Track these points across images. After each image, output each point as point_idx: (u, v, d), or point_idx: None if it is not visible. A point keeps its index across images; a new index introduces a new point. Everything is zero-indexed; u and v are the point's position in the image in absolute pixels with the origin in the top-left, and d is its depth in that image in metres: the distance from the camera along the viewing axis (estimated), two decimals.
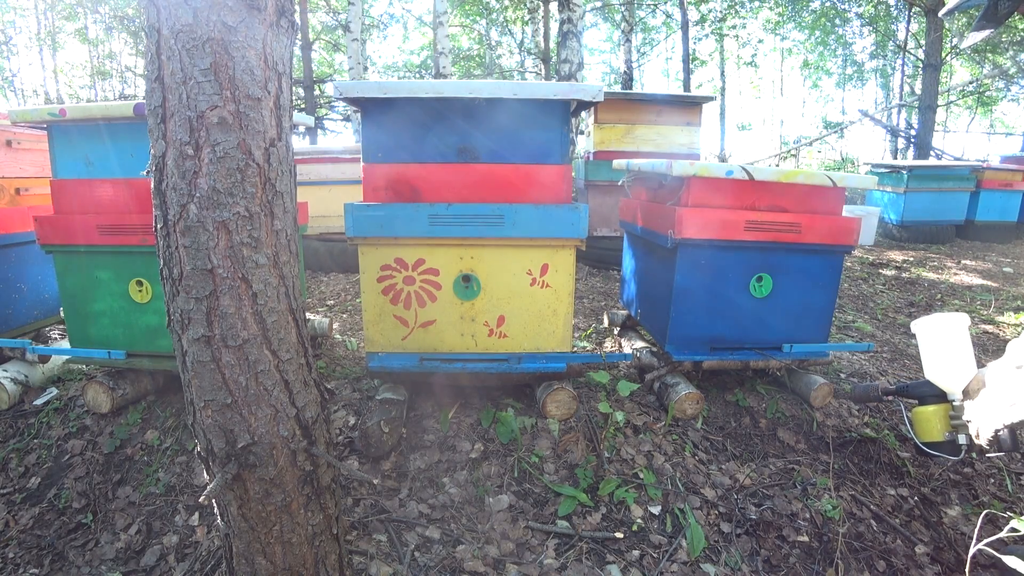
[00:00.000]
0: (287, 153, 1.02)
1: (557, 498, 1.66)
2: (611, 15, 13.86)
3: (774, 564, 1.53)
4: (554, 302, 1.86)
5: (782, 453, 1.93)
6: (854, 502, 1.75)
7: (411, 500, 1.65)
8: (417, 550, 1.50)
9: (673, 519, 1.61)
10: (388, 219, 1.74)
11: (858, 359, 2.59)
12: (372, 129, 1.77)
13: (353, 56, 8.48)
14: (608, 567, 1.46)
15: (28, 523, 1.75)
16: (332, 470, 1.17)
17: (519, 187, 1.78)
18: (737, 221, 1.89)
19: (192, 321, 0.96)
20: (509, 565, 1.46)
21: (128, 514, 1.73)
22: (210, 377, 0.98)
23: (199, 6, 0.86)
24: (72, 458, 1.91)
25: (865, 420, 2.08)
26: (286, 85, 1.00)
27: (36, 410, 2.11)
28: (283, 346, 1.03)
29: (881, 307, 3.55)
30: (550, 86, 1.71)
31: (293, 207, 1.05)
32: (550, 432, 1.85)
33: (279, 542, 1.10)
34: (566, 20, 6.18)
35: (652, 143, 4.15)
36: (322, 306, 3.30)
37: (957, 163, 6.45)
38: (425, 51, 16.34)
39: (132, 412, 2.02)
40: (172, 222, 0.94)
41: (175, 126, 0.90)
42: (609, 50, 19.63)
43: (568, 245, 1.80)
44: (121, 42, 14.14)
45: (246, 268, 0.96)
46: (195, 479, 1.79)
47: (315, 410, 1.11)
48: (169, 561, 1.58)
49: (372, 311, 1.84)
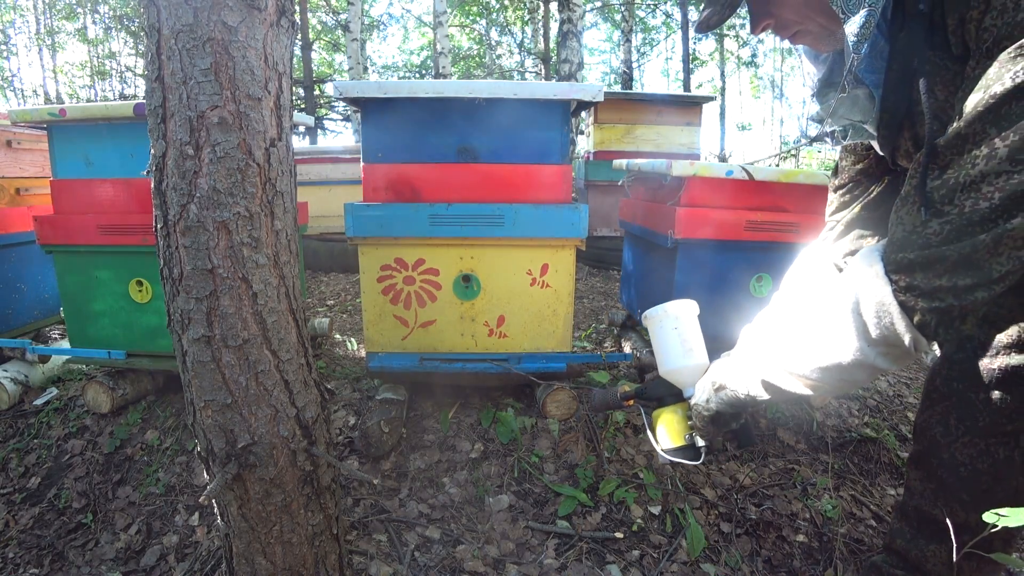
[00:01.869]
0: (287, 153, 1.02)
1: (557, 498, 1.66)
2: (611, 15, 13.87)
3: (774, 564, 1.53)
4: (554, 302, 1.86)
5: (782, 453, 1.93)
6: (854, 502, 1.75)
7: (411, 500, 1.65)
8: (417, 550, 1.50)
9: (673, 519, 1.62)
10: (388, 219, 1.74)
11: None
12: (372, 129, 1.77)
13: (353, 56, 8.48)
14: (608, 567, 1.46)
15: (28, 523, 1.75)
16: (332, 470, 1.17)
17: (519, 187, 1.78)
18: (737, 221, 1.89)
19: (192, 321, 0.96)
20: (509, 565, 1.46)
21: (128, 514, 1.73)
22: (210, 377, 0.98)
23: (199, 6, 0.86)
24: (72, 458, 1.91)
25: (865, 420, 2.08)
26: (286, 85, 1.00)
27: (36, 410, 2.11)
28: (283, 346, 1.03)
29: None
30: (550, 86, 1.72)
31: (293, 207, 1.05)
32: (550, 432, 1.85)
33: (279, 542, 1.10)
34: (566, 20, 6.18)
35: (652, 143, 4.16)
36: (322, 306, 3.30)
37: None
38: (425, 51, 16.35)
39: (132, 412, 2.02)
40: (172, 222, 0.94)
41: (175, 126, 0.90)
42: (609, 50, 19.65)
43: (568, 245, 1.80)
44: (121, 42, 14.15)
45: (246, 268, 0.96)
46: (195, 479, 1.79)
47: (315, 410, 1.11)
48: (169, 561, 1.58)
49: (372, 311, 1.84)
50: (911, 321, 0.78)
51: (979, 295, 0.74)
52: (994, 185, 0.69)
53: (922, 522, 1.23)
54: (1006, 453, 1.11)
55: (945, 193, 0.74)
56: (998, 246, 0.70)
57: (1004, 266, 0.71)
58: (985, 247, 0.71)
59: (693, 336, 1.22)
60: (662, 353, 1.23)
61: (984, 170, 0.70)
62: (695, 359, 1.21)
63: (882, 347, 0.82)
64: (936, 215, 0.75)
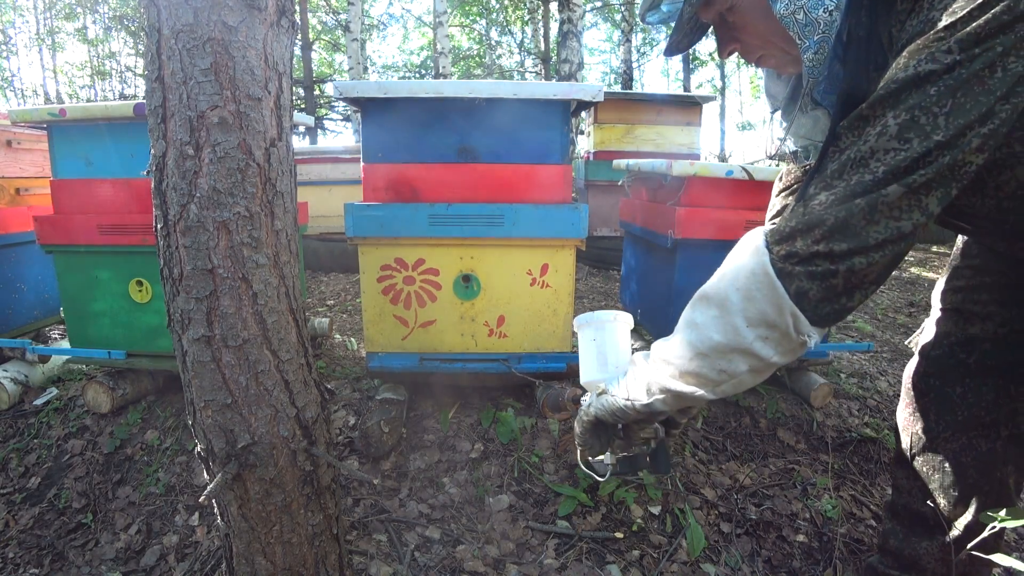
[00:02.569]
0: (287, 153, 1.02)
1: (557, 498, 1.66)
2: (611, 15, 13.86)
3: (774, 564, 1.53)
4: (554, 302, 1.86)
5: (782, 453, 1.93)
6: (854, 502, 1.75)
7: (411, 500, 1.65)
8: (417, 550, 1.50)
9: (673, 519, 1.62)
10: (388, 219, 1.74)
11: (858, 359, 2.59)
12: (372, 129, 1.77)
13: (353, 56, 8.48)
14: (608, 567, 1.46)
15: (28, 523, 1.75)
16: (332, 470, 1.17)
17: (519, 187, 1.78)
18: (737, 221, 1.89)
19: (192, 321, 0.96)
20: (509, 565, 1.46)
21: (128, 514, 1.73)
22: (210, 377, 0.98)
23: (200, 6, 0.86)
24: (72, 458, 1.91)
25: (865, 420, 2.08)
26: (287, 85, 1.00)
27: (36, 410, 2.11)
28: (283, 346, 1.03)
29: (881, 307, 3.55)
30: (550, 86, 1.72)
31: (293, 207, 1.05)
32: (550, 432, 1.85)
33: (279, 542, 1.10)
34: (566, 20, 6.18)
35: (652, 143, 4.15)
36: (322, 306, 3.30)
37: None
38: (425, 51, 16.35)
39: (132, 412, 2.02)
40: (172, 222, 0.94)
41: (175, 126, 0.90)
42: (609, 50, 19.65)
43: (568, 245, 1.80)
44: (121, 42, 14.15)
45: (246, 268, 0.96)
46: (195, 479, 1.79)
47: (315, 410, 1.11)
48: (169, 561, 1.58)
49: (372, 311, 1.84)
50: (788, 292, 0.75)
51: (856, 262, 0.72)
52: (881, 160, 0.71)
53: (913, 520, 1.24)
54: (988, 445, 1.13)
55: (836, 168, 0.75)
56: (874, 213, 0.71)
57: (881, 234, 0.71)
58: (861, 212, 0.71)
59: (613, 350, 1.11)
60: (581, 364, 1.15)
61: (874, 146, 0.71)
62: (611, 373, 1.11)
63: (760, 328, 0.77)
64: (825, 188, 0.75)
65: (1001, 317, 1.11)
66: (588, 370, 1.12)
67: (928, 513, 1.19)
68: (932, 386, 1.19)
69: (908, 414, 1.24)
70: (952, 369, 1.16)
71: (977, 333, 1.14)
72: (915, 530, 1.23)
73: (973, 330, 1.14)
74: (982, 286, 1.13)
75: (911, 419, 1.23)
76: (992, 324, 1.12)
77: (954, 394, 1.16)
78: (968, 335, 1.15)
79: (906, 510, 1.24)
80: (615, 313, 1.14)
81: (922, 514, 1.21)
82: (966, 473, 1.14)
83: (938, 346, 1.19)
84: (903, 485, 1.25)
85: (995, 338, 1.12)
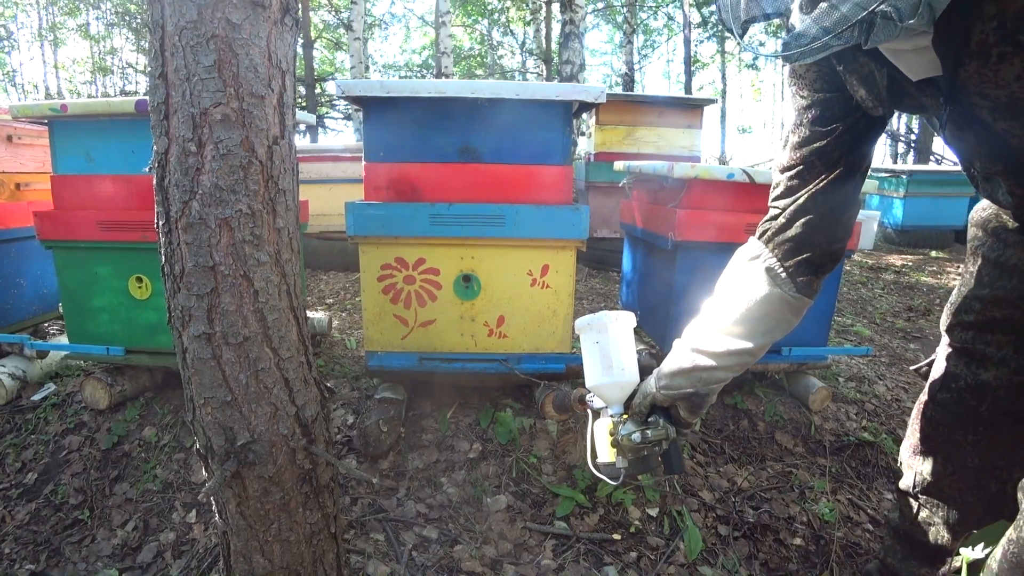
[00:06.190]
0: (290, 151, 1.02)
1: (555, 499, 1.66)
2: (613, 17, 13.88)
3: (771, 567, 1.53)
4: (554, 303, 1.86)
5: (780, 456, 1.93)
6: (851, 506, 1.75)
7: (409, 499, 1.65)
8: (415, 549, 1.49)
9: (671, 521, 1.62)
10: (389, 218, 1.74)
11: (856, 363, 2.59)
12: (373, 128, 1.77)
13: (355, 55, 8.48)
14: (605, 568, 1.46)
15: (24, 519, 1.74)
16: (331, 469, 1.17)
17: (520, 187, 1.78)
18: (737, 224, 1.89)
19: (193, 318, 0.96)
20: (506, 565, 1.46)
21: (125, 511, 1.73)
22: (210, 374, 0.98)
23: (204, 3, 0.86)
24: (69, 454, 1.90)
25: (863, 424, 2.08)
26: (289, 83, 1.00)
27: (34, 406, 2.11)
28: (283, 344, 1.03)
29: (880, 311, 3.55)
30: (552, 87, 1.72)
31: (295, 205, 1.05)
32: (548, 433, 1.85)
33: (277, 540, 1.10)
34: (568, 21, 6.19)
35: (653, 145, 4.15)
36: (322, 304, 3.30)
37: (957, 168, 6.45)
38: (427, 51, 16.35)
39: (130, 408, 2.02)
40: (174, 219, 0.94)
41: (178, 123, 0.90)
42: (611, 52, 19.67)
43: (569, 246, 1.80)
44: (122, 38, 14.14)
45: (248, 265, 0.96)
46: (193, 476, 1.78)
47: (315, 408, 1.11)
48: (166, 558, 1.57)
49: (372, 310, 1.84)
50: None
51: None
52: None
53: (914, 546, 1.23)
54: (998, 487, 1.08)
55: None
56: None
57: None
58: None
59: (617, 352, 1.10)
60: (585, 368, 1.14)
61: None
62: (616, 376, 1.09)
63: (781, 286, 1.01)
64: None
65: (1017, 364, 1.00)
66: (593, 374, 1.12)
67: (930, 544, 1.17)
68: (941, 433, 1.12)
69: (914, 452, 1.17)
70: (962, 416, 1.08)
71: (990, 380, 1.03)
72: (915, 554, 1.22)
73: (985, 376, 1.04)
74: (993, 323, 1.03)
75: (917, 459, 1.17)
76: (1007, 371, 1.02)
77: (964, 441, 1.08)
78: (979, 381, 1.04)
79: (908, 536, 1.23)
80: (616, 313, 1.13)
81: (923, 543, 1.19)
82: (972, 511, 1.10)
83: (946, 389, 1.10)
84: (907, 514, 1.22)
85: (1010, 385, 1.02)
